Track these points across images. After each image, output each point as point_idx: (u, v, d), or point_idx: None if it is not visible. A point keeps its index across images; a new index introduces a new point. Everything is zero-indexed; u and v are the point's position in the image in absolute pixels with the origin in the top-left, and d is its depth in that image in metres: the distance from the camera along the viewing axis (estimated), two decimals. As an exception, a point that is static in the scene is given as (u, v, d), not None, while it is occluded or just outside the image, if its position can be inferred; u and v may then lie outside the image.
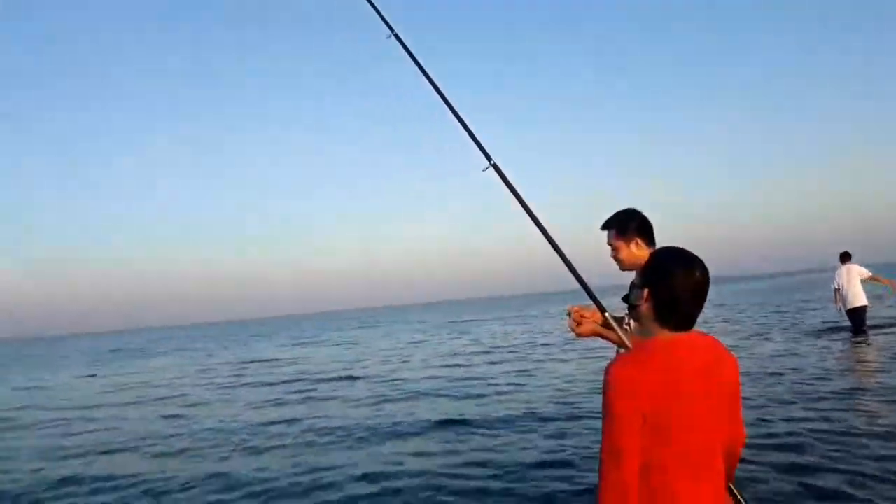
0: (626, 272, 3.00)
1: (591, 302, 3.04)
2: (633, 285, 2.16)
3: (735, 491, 2.83)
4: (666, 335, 1.94)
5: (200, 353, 31.79)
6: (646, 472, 1.84)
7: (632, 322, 2.98)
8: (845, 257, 14.02)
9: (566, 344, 16.91)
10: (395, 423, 8.63)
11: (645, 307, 1.99)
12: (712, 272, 2.08)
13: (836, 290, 13.86)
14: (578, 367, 12.74)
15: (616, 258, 3.06)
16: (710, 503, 1.92)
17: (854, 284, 13.61)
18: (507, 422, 8.10)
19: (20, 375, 27.45)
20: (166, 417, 11.30)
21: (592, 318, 2.97)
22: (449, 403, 10.03)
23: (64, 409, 13.71)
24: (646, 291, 1.98)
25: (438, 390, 11.39)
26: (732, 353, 2.04)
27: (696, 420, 1.87)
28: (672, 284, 1.93)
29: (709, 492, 1.92)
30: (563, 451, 6.41)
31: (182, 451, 8.23)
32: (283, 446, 7.94)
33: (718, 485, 1.98)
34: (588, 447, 6.35)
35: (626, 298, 2.27)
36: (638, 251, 2.99)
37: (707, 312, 2.16)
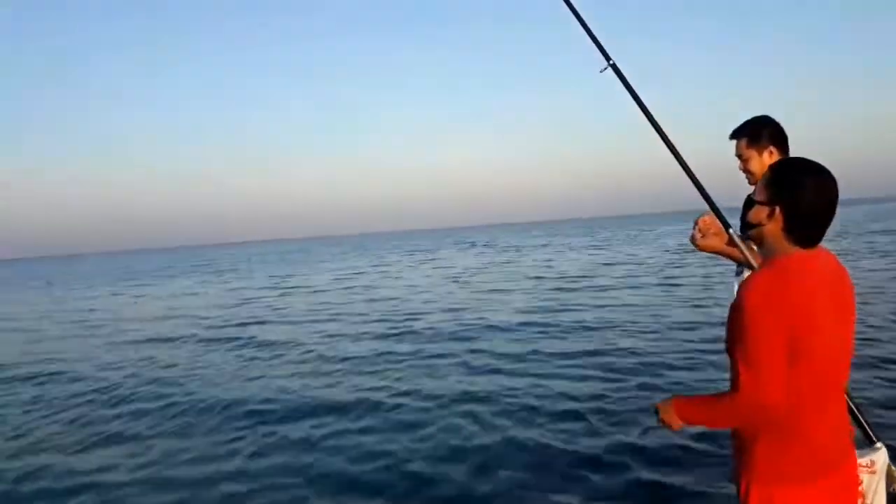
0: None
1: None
2: (749, 202, 1.93)
3: (851, 403, 2.56)
4: (798, 252, 1.83)
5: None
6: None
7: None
8: None
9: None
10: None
11: (772, 226, 1.84)
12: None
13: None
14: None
15: (746, 170, 2.79)
16: (839, 421, 1.93)
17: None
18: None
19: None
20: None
21: (718, 235, 2.72)
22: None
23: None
24: (777, 209, 1.82)
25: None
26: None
27: (831, 339, 1.81)
28: (807, 198, 1.79)
29: (839, 412, 1.93)
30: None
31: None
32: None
33: (843, 401, 1.99)
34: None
35: (744, 218, 2.02)
36: (771, 162, 2.69)
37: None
